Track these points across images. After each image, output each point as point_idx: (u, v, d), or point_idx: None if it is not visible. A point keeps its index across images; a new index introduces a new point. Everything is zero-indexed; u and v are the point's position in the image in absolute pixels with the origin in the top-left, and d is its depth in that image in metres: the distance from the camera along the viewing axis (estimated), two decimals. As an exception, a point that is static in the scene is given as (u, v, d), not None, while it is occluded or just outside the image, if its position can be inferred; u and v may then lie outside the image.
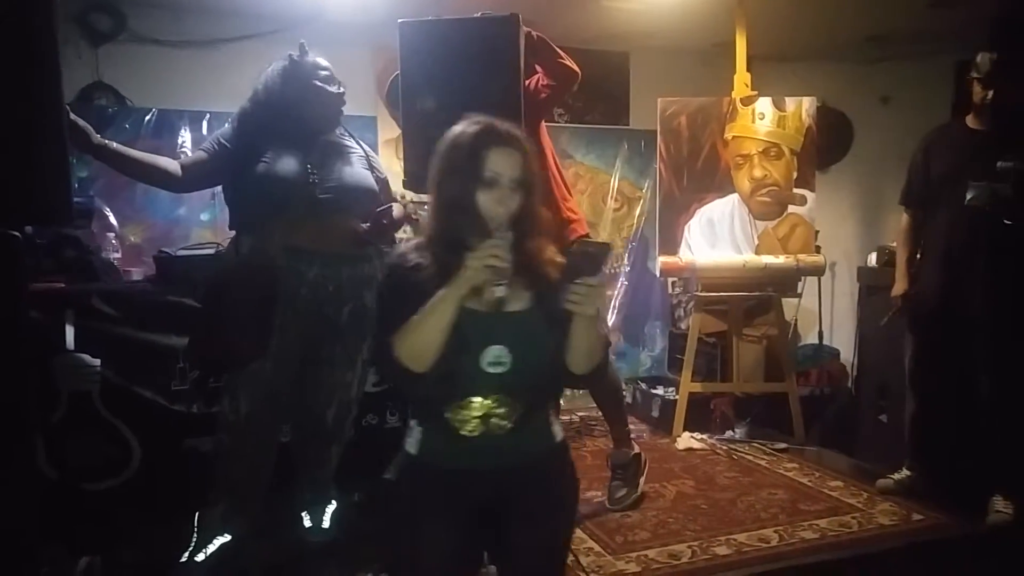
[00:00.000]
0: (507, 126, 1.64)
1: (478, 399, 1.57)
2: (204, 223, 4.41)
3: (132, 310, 2.98)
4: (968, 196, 2.99)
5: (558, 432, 1.75)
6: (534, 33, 2.90)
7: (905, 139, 5.09)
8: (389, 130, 4.72)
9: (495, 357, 1.55)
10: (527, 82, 3.07)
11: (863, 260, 5.04)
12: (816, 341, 5.06)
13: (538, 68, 3.03)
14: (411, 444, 1.66)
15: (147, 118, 4.35)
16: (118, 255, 3.60)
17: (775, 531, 3.03)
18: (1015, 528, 2.97)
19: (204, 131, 4.45)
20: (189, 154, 4.20)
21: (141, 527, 2.80)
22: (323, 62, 2.74)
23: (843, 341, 5.15)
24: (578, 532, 3.03)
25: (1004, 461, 3.12)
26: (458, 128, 1.65)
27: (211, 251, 3.23)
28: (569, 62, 2.97)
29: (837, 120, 5.35)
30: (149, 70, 4.34)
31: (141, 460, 2.94)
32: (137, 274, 3.47)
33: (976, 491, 3.15)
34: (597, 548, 2.89)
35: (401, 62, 2.85)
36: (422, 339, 1.50)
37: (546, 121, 3.28)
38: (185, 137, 4.43)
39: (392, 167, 3.69)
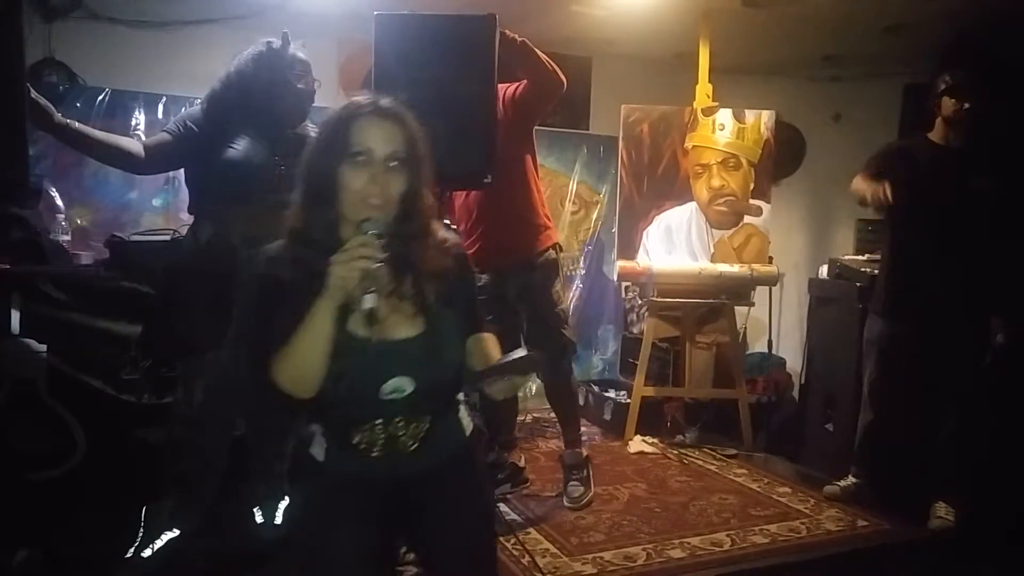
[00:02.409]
0: (389, 99, 1.48)
1: (381, 422, 1.49)
2: (156, 208, 4.28)
3: (82, 295, 2.90)
4: None
5: (468, 423, 1.66)
6: (518, 38, 2.89)
7: (854, 157, 5.25)
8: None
9: (394, 388, 1.46)
10: (514, 88, 3.07)
11: (811, 272, 5.16)
12: (762, 350, 5.16)
13: (522, 75, 3.03)
14: (316, 450, 1.54)
15: (100, 98, 4.20)
16: (67, 238, 3.49)
17: (727, 535, 3.08)
18: (955, 533, 3.09)
19: (159, 114, 4.33)
20: (144, 136, 4.22)
21: (84, 520, 2.72)
22: (302, 56, 2.71)
23: (789, 350, 5.25)
24: (533, 533, 3.05)
25: (947, 471, 3.23)
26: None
27: (167, 238, 3.13)
28: (554, 69, 2.98)
29: (790, 134, 5.46)
30: (104, 49, 4.19)
31: (86, 451, 2.84)
32: (87, 258, 3.35)
33: (917, 499, 3.26)
34: (553, 549, 2.90)
35: (375, 54, 2.81)
36: (301, 363, 1.38)
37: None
38: (140, 119, 4.29)
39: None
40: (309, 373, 1.38)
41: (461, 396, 1.68)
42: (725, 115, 4.23)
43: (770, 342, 4.82)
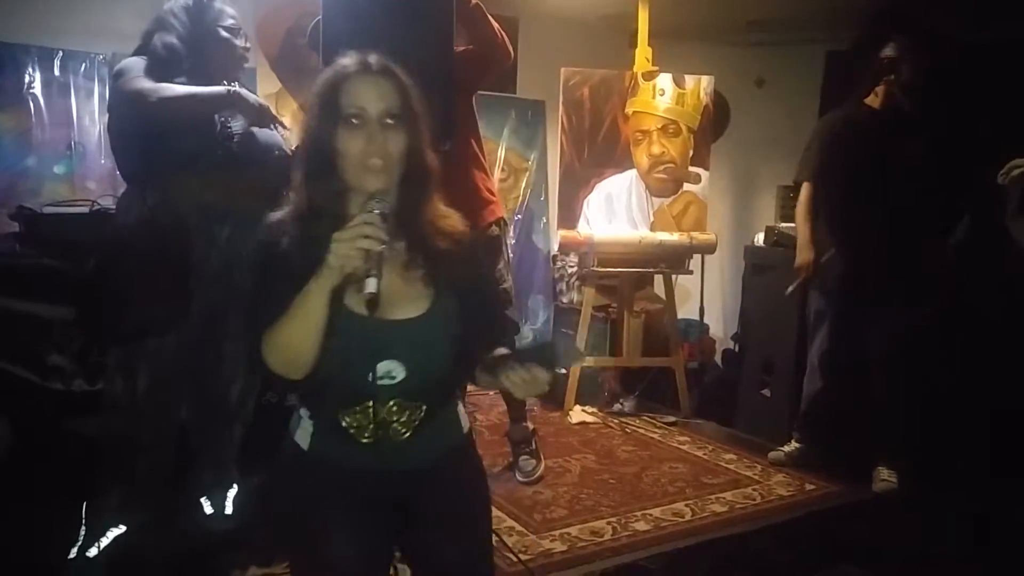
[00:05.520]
0: (376, 56, 1.40)
1: (372, 405, 1.38)
2: (59, 176, 3.87)
3: (-6, 274, 2.58)
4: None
5: (464, 422, 1.58)
6: None
7: (777, 123, 5.32)
8: (270, 84, 4.40)
9: (385, 372, 1.36)
10: (462, 50, 2.92)
11: (734, 239, 5.23)
12: (687, 316, 5.21)
13: (470, 40, 2.89)
14: (301, 437, 1.45)
15: (-18, 52, 3.78)
16: (-31, 210, 3.12)
17: (686, 505, 3.09)
18: (899, 495, 3.21)
19: (56, 71, 3.93)
20: (40, 97, 3.83)
21: (16, 520, 2.45)
22: (230, 10, 2.53)
23: (711, 317, 5.32)
24: (495, 511, 2.96)
25: (889, 435, 3.33)
26: None
27: (86, 209, 2.85)
28: (504, 38, 2.87)
29: (716, 100, 5.47)
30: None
31: (12, 445, 2.57)
32: (-11, 232, 3.00)
33: (859, 462, 3.37)
34: (518, 527, 2.84)
35: (323, 13, 2.60)
36: (290, 344, 1.29)
37: None
38: (35, 77, 3.87)
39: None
40: (300, 355, 1.30)
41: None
42: (665, 80, 4.18)
43: (702, 309, 4.87)
